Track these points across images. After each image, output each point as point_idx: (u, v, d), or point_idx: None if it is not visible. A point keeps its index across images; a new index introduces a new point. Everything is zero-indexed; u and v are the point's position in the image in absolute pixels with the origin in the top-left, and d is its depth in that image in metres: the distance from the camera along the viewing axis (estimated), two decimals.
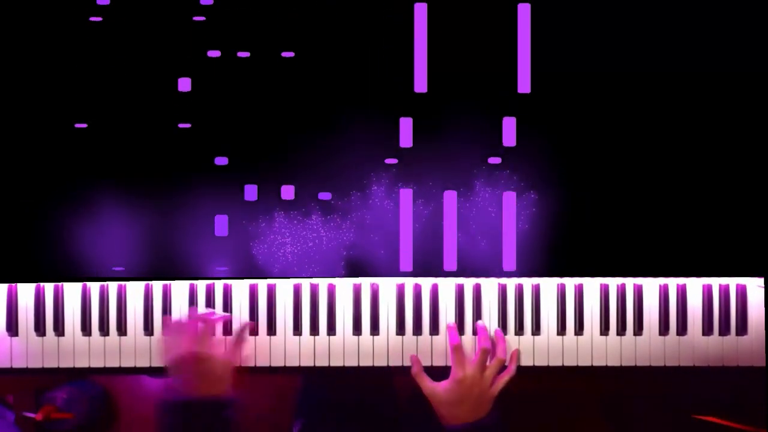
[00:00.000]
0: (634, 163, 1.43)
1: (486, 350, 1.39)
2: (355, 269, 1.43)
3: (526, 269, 1.44)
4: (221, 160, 1.42)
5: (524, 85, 1.43)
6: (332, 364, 1.44)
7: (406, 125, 1.43)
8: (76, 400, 1.49)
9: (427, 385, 1.41)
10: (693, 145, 1.43)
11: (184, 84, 1.42)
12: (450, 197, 1.43)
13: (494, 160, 1.43)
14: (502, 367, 1.41)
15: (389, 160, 1.42)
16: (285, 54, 1.41)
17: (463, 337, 1.43)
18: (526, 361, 1.45)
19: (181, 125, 1.42)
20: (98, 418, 1.53)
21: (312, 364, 1.44)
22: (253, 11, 1.41)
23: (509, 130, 1.43)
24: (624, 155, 1.43)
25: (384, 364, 1.45)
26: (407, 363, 1.44)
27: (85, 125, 1.40)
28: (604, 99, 1.43)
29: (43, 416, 1.44)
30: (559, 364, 1.45)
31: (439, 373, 1.42)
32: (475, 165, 1.43)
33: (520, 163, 1.43)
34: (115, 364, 1.45)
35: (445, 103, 1.43)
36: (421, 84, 1.43)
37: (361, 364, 1.45)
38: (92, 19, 1.40)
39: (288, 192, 1.43)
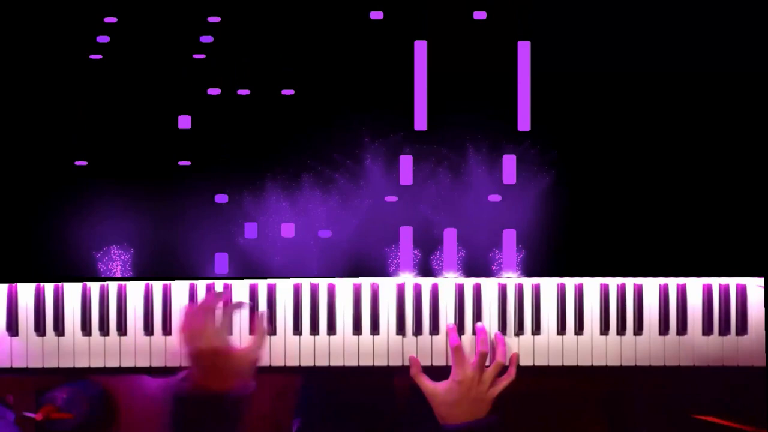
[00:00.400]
0: (634, 165, 1.43)
1: (484, 354, 1.40)
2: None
3: (526, 269, 1.44)
4: (221, 198, 1.43)
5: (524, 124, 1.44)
6: (332, 364, 1.44)
7: (406, 163, 1.43)
8: (76, 400, 1.48)
9: (427, 385, 1.41)
10: (693, 146, 1.43)
11: (184, 122, 1.42)
12: (450, 235, 1.43)
13: (494, 198, 1.43)
14: (502, 370, 1.41)
15: (389, 198, 1.43)
16: (285, 92, 1.41)
17: (463, 337, 1.43)
18: (526, 361, 1.45)
19: (181, 163, 1.43)
20: (98, 418, 1.53)
21: (312, 364, 1.44)
22: (253, 49, 1.40)
23: (509, 168, 1.44)
24: (624, 157, 1.43)
25: (384, 364, 1.45)
26: (407, 363, 1.44)
27: (85, 162, 1.41)
28: (604, 103, 1.43)
29: (43, 416, 1.44)
30: (559, 364, 1.45)
31: (439, 373, 1.42)
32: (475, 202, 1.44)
33: (521, 165, 1.44)
34: (115, 364, 1.45)
35: (445, 141, 1.43)
36: (421, 122, 1.43)
37: (361, 364, 1.45)
38: (92, 57, 1.40)
39: (288, 230, 1.43)
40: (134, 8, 1.40)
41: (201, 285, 1.45)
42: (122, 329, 1.44)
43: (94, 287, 1.45)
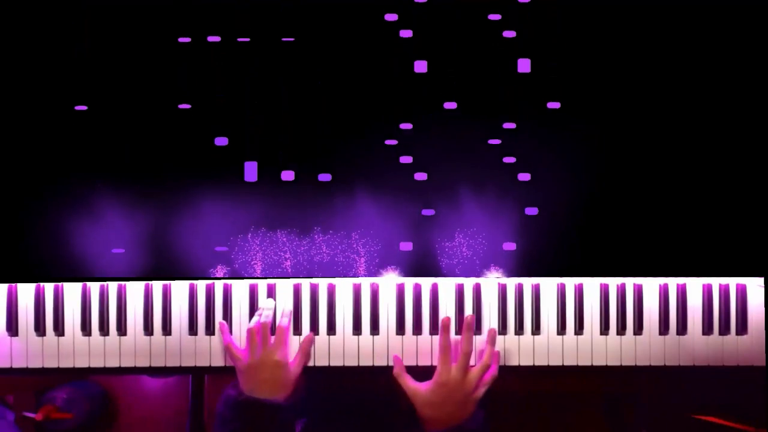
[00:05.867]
0: (634, 164, 1.43)
1: (468, 354, 1.38)
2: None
3: (526, 269, 1.44)
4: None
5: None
6: (332, 364, 1.44)
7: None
8: (76, 400, 1.49)
9: (410, 385, 1.40)
10: (693, 145, 1.43)
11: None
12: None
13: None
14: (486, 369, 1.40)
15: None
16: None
17: (458, 336, 1.43)
18: (526, 361, 1.45)
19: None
20: (98, 418, 1.53)
21: (312, 364, 1.44)
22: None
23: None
24: (623, 156, 1.43)
25: (384, 364, 1.44)
26: (408, 363, 1.43)
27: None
28: (603, 104, 1.43)
29: (43, 416, 1.44)
30: (559, 364, 1.45)
31: None
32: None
33: (520, 152, 1.44)
34: (115, 364, 1.45)
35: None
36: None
37: (361, 364, 1.45)
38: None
39: None
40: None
41: (201, 285, 1.45)
42: (122, 329, 1.44)
43: (94, 287, 1.45)
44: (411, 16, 1.41)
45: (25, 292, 1.45)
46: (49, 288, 1.45)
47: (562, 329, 1.45)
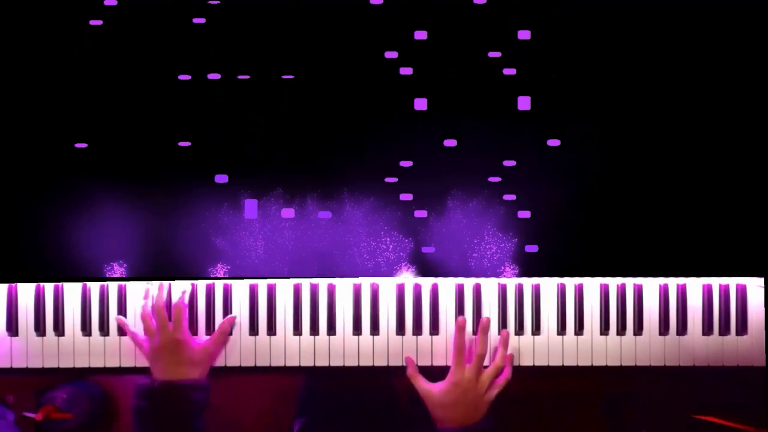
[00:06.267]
0: (634, 164, 1.43)
1: (482, 355, 1.39)
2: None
3: (525, 269, 1.44)
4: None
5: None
6: (332, 364, 1.44)
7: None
8: (76, 400, 1.48)
9: (423, 386, 1.40)
10: (693, 145, 1.43)
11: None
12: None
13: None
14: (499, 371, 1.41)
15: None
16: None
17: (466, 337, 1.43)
18: (526, 361, 1.45)
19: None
20: (98, 418, 1.53)
21: (312, 364, 1.44)
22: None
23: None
24: (624, 156, 1.43)
25: (384, 364, 1.45)
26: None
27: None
28: (603, 104, 1.43)
29: (43, 416, 1.44)
30: (559, 364, 1.45)
31: (439, 373, 1.42)
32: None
33: (520, 190, 1.44)
34: (115, 364, 1.45)
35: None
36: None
37: (361, 364, 1.45)
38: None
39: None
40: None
41: (201, 285, 1.45)
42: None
43: (94, 287, 1.45)
44: (411, 53, 1.41)
45: (25, 292, 1.45)
46: (49, 288, 1.45)
47: (562, 329, 1.45)
